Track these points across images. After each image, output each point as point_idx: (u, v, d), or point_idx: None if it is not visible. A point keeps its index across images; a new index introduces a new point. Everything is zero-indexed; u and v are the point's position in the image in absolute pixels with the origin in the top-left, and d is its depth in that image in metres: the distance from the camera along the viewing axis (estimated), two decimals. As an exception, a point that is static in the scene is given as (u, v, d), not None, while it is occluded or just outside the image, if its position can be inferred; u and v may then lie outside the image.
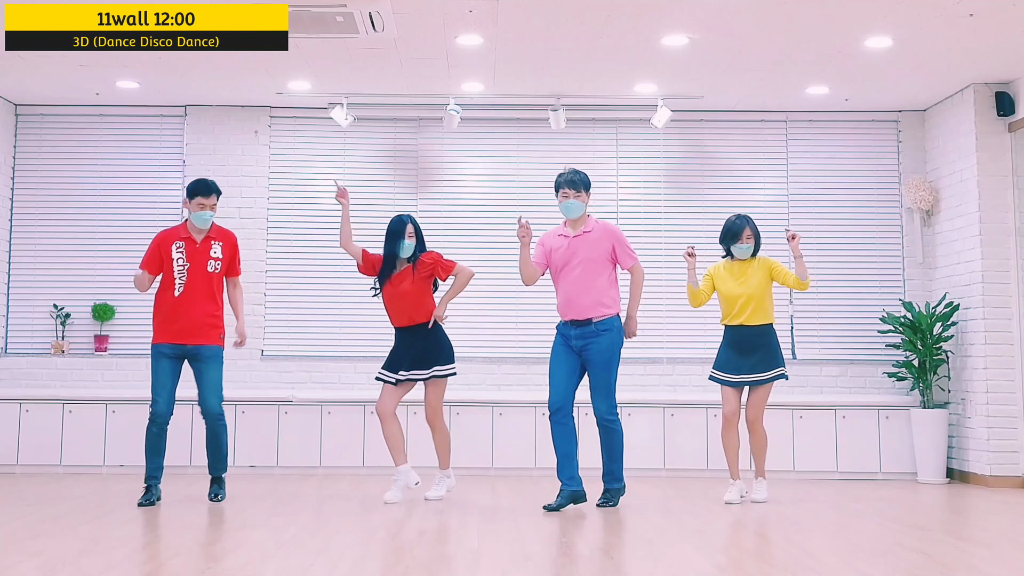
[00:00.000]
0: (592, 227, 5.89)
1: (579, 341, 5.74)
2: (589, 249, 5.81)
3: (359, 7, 5.87)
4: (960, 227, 7.55)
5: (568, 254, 5.83)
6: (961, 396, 7.51)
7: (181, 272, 5.81)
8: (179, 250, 5.84)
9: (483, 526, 5.12)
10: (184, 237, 5.89)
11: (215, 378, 5.86)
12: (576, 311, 5.75)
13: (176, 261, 5.82)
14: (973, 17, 6.01)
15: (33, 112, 8.16)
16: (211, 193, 5.90)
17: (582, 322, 5.74)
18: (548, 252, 5.93)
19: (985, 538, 4.89)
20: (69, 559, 4.12)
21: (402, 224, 6.05)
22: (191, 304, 5.80)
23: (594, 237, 5.85)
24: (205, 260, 5.86)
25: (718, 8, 5.97)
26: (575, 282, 5.77)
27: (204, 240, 5.91)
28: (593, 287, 5.76)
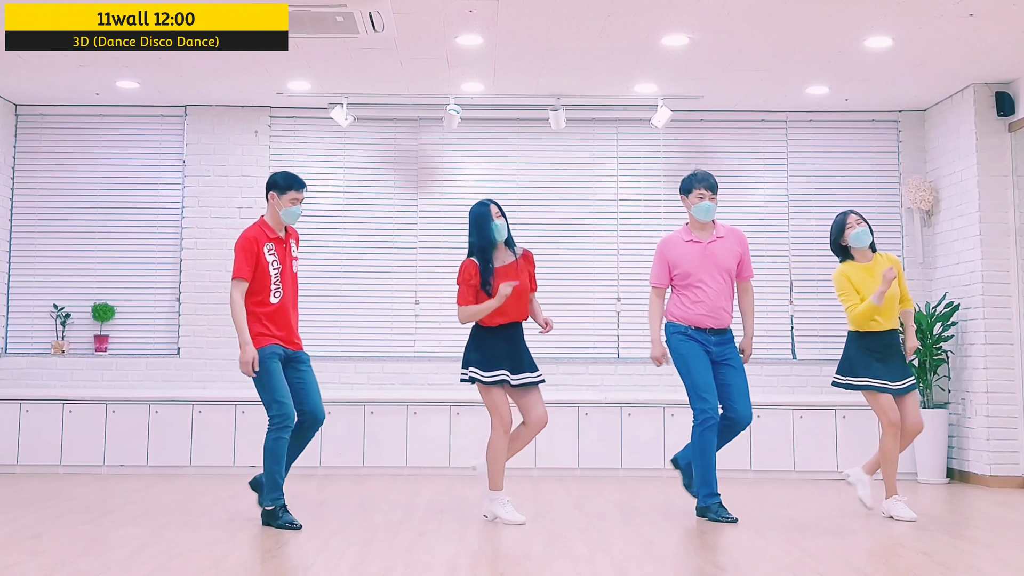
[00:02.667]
0: (724, 232, 5.60)
1: (719, 348, 5.48)
2: (726, 255, 5.54)
3: (359, 7, 5.87)
4: (960, 227, 7.55)
5: (707, 261, 5.49)
6: (961, 396, 7.51)
7: (276, 276, 5.20)
8: (271, 252, 5.22)
9: (483, 526, 5.11)
10: (273, 238, 5.25)
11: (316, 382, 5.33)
12: (718, 320, 5.47)
13: (271, 264, 5.20)
14: (973, 17, 6.01)
15: (33, 112, 8.16)
16: (303, 188, 5.32)
17: (721, 331, 5.49)
18: (674, 263, 5.53)
19: (985, 538, 4.89)
20: (69, 559, 4.12)
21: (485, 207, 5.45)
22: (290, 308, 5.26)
23: (727, 244, 5.56)
24: (291, 260, 5.31)
25: (718, 8, 5.97)
26: (719, 290, 5.48)
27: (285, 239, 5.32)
28: (731, 295, 5.56)
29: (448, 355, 8.01)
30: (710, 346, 5.47)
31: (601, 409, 7.63)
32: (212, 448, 7.49)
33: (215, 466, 7.48)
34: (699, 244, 5.54)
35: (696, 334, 5.47)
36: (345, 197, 8.19)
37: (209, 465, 7.45)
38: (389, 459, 7.57)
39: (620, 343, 8.09)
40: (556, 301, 8.04)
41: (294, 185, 5.27)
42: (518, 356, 5.32)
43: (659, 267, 5.60)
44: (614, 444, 7.57)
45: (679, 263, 5.53)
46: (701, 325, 5.47)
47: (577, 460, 7.53)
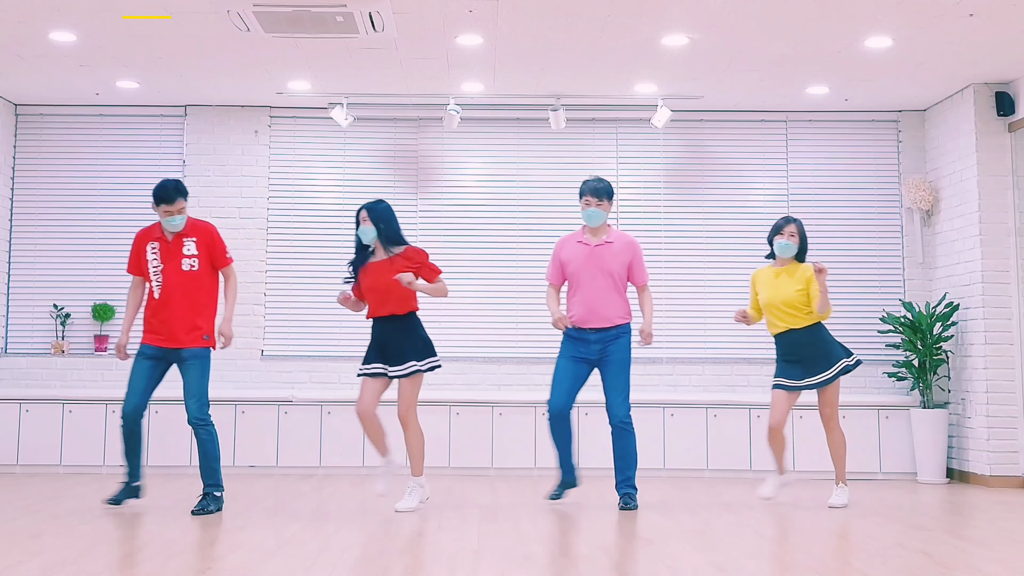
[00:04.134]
0: (614, 238, 5.91)
1: (598, 346, 5.78)
2: (612, 259, 5.83)
3: (359, 7, 5.87)
4: (960, 227, 7.55)
5: (590, 262, 5.82)
6: (961, 396, 7.51)
7: (157, 273, 5.53)
8: (153, 251, 5.56)
9: (483, 526, 5.12)
10: (157, 237, 5.59)
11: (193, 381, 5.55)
12: (599, 319, 5.79)
13: (151, 263, 5.56)
14: (973, 17, 6.01)
15: (33, 112, 8.16)
16: (174, 199, 5.48)
17: (603, 329, 5.79)
18: (564, 262, 5.91)
19: (985, 538, 4.89)
20: (69, 559, 4.12)
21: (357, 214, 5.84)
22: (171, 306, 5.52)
23: (617, 248, 5.87)
24: (179, 259, 5.54)
25: (718, 8, 5.97)
26: (599, 291, 5.78)
27: (176, 238, 5.57)
28: (615, 297, 5.82)
29: (448, 355, 8.00)
30: (590, 345, 5.79)
31: (601, 409, 7.61)
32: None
33: (215, 466, 7.47)
34: (587, 246, 5.87)
35: (577, 333, 5.82)
36: (345, 197, 8.19)
37: (209, 465, 7.44)
38: (389, 459, 7.56)
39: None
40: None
41: (159, 200, 5.49)
42: (388, 349, 5.64)
43: (553, 265, 6.00)
44: (614, 444, 7.56)
45: (567, 262, 5.89)
46: (581, 324, 5.80)
47: (577, 460, 7.51)
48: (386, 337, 5.67)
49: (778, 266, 6.02)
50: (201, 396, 5.56)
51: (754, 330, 8.04)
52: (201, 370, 5.58)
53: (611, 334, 5.80)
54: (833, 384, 5.91)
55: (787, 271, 5.97)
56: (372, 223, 5.73)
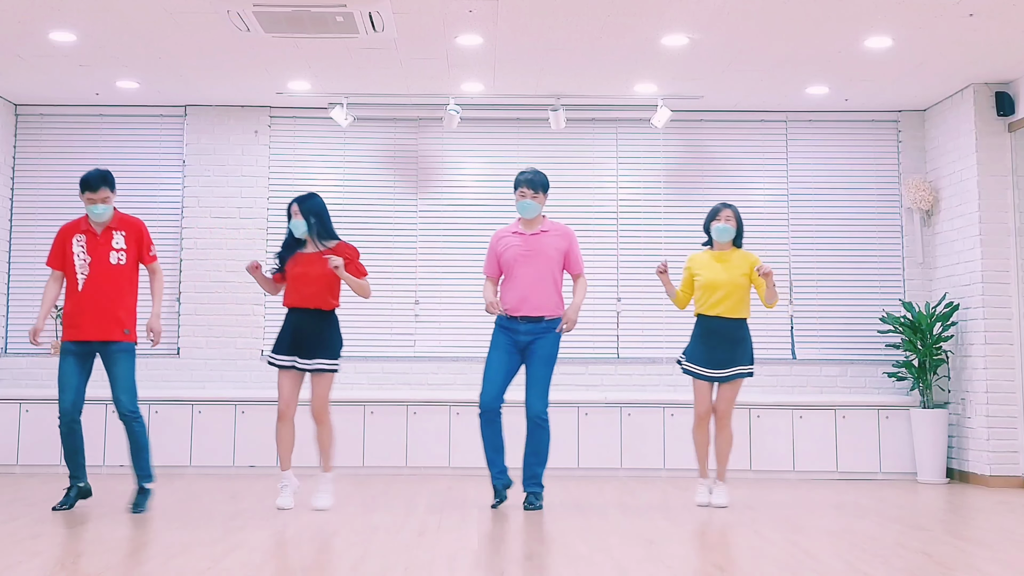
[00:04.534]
0: (549, 227, 5.96)
1: (527, 337, 5.80)
2: (546, 247, 5.87)
3: (359, 7, 5.87)
4: (960, 227, 7.55)
5: (524, 251, 5.86)
6: (961, 396, 7.51)
7: (83, 266, 5.50)
8: (80, 243, 5.55)
9: (483, 526, 5.12)
10: (84, 230, 5.59)
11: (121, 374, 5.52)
12: (531, 307, 5.80)
13: (77, 255, 5.53)
14: (973, 17, 6.01)
15: (33, 112, 8.16)
16: (99, 187, 5.55)
17: (535, 319, 5.81)
18: (500, 253, 5.93)
19: (985, 538, 4.89)
20: (69, 559, 4.12)
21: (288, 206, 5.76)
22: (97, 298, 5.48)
23: (552, 237, 5.91)
24: (107, 252, 5.55)
25: (718, 8, 5.97)
26: (531, 279, 5.81)
27: (105, 231, 5.59)
28: (548, 285, 5.84)
29: (448, 355, 8.02)
30: (519, 335, 5.79)
31: (601, 409, 7.64)
32: (212, 448, 7.50)
33: (215, 466, 7.49)
34: (523, 236, 5.92)
35: (508, 323, 5.82)
36: (345, 197, 8.19)
37: (209, 465, 7.46)
38: (389, 459, 7.58)
39: (620, 343, 8.09)
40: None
41: (83, 186, 5.56)
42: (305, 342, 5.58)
43: (489, 258, 6.00)
44: (614, 444, 7.57)
45: (503, 253, 5.91)
46: (513, 312, 5.81)
47: (577, 460, 7.53)
48: (304, 329, 5.61)
49: (716, 250, 6.00)
50: (130, 389, 5.54)
51: (755, 330, 8.04)
52: (128, 363, 5.54)
53: (541, 326, 5.80)
54: (737, 382, 5.93)
55: (727, 255, 5.96)
56: (303, 216, 5.70)
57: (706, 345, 5.91)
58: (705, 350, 5.91)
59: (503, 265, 5.92)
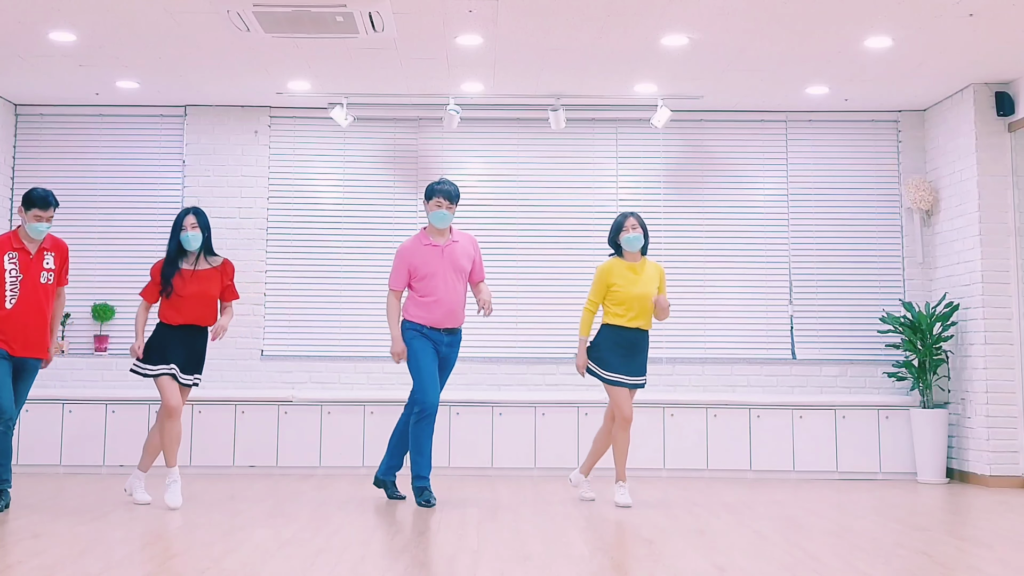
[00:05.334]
0: (458, 237, 6.05)
1: (448, 349, 5.96)
2: (461, 258, 5.96)
3: (359, 7, 5.87)
4: (960, 227, 7.55)
5: (442, 263, 5.91)
6: (961, 396, 7.51)
7: (14, 284, 5.55)
8: (12, 261, 5.56)
9: (483, 526, 5.12)
10: (18, 247, 5.60)
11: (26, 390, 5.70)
12: (454, 320, 5.93)
13: (8, 272, 5.55)
14: (973, 17, 6.01)
15: (33, 112, 8.16)
16: (49, 206, 5.60)
17: (454, 330, 5.98)
18: (415, 267, 5.92)
19: (985, 538, 4.89)
20: (69, 559, 4.12)
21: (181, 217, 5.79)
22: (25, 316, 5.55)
23: (462, 247, 6.00)
24: (39, 271, 5.63)
25: (718, 8, 5.97)
26: (453, 292, 5.90)
27: (38, 251, 5.65)
28: (463, 296, 5.98)
29: (448, 355, 8.02)
30: (441, 345, 5.92)
31: (601, 409, 7.63)
32: (212, 448, 7.50)
33: (215, 466, 7.48)
34: (437, 247, 5.95)
35: (430, 333, 5.89)
36: (345, 197, 8.19)
37: (209, 465, 7.45)
38: (389, 459, 7.56)
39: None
40: (555, 301, 8.06)
41: (36, 204, 5.58)
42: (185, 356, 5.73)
43: (399, 271, 5.96)
44: (614, 444, 7.56)
45: (420, 267, 5.92)
46: (438, 325, 5.90)
47: (577, 460, 7.53)
48: (189, 345, 5.76)
49: (628, 260, 6.00)
50: (23, 402, 5.74)
51: (755, 330, 8.07)
52: (32, 379, 5.75)
53: (457, 336, 6.01)
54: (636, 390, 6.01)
55: (640, 266, 6.01)
56: (201, 229, 5.80)
57: (625, 356, 5.93)
58: (625, 360, 5.92)
59: (417, 277, 5.92)
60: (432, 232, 6.00)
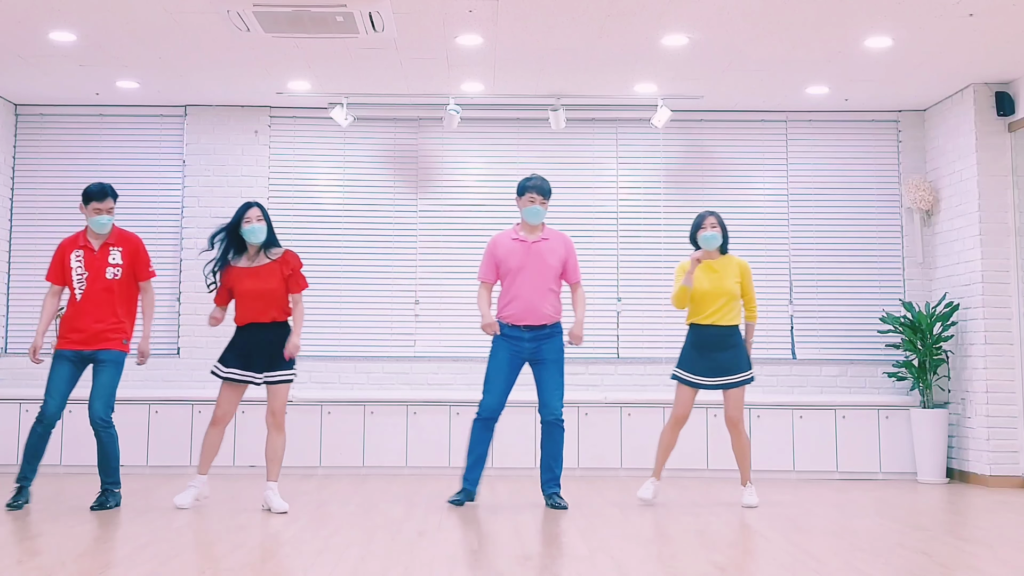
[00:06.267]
0: (549, 235, 5.97)
1: (532, 344, 5.83)
2: (548, 256, 5.88)
3: (359, 7, 5.87)
4: (960, 227, 7.55)
5: (527, 259, 5.86)
6: (961, 396, 7.51)
7: (80, 280, 5.66)
8: (78, 259, 5.69)
9: (483, 526, 5.12)
10: (83, 245, 5.73)
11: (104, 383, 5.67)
12: (535, 317, 5.83)
13: (75, 270, 5.67)
14: (973, 17, 6.01)
15: (33, 112, 8.17)
16: (106, 197, 5.70)
17: (537, 327, 5.85)
18: (501, 260, 5.92)
19: (985, 538, 4.89)
20: (69, 559, 4.12)
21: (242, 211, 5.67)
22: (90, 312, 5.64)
23: (552, 246, 5.92)
24: (103, 267, 5.69)
25: (718, 8, 5.97)
26: (535, 288, 5.82)
27: (102, 247, 5.73)
28: (550, 294, 5.88)
29: (448, 355, 8.02)
30: (523, 343, 5.81)
31: (601, 409, 7.64)
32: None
33: (214, 466, 7.43)
34: (524, 243, 5.90)
35: (510, 331, 5.83)
36: (345, 197, 8.19)
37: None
38: (389, 459, 7.58)
39: (620, 343, 8.09)
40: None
41: (93, 197, 5.68)
42: (256, 356, 5.56)
43: (486, 263, 5.98)
44: (614, 444, 7.58)
45: (505, 260, 5.88)
46: (516, 322, 5.82)
47: (577, 460, 7.53)
48: (259, 343, 5.58)
49: (707, 259, 6.04)
50: (108, 398, 5.69)
51: (755, 330, 8.05)
52: (114, 374, 5.70)
53: (544, 332, 5.85)
54: (741, 389, 5.97)
55: (719, 263, 6.03)
56: (266, 222, 5.68)
57: (700, 354, 5.95)
58: (699, 358, 5.95)
59: (503, 272, 5.91)
60: (524, 227, 5.96)
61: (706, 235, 6.00)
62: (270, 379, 5.57)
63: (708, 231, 6.00)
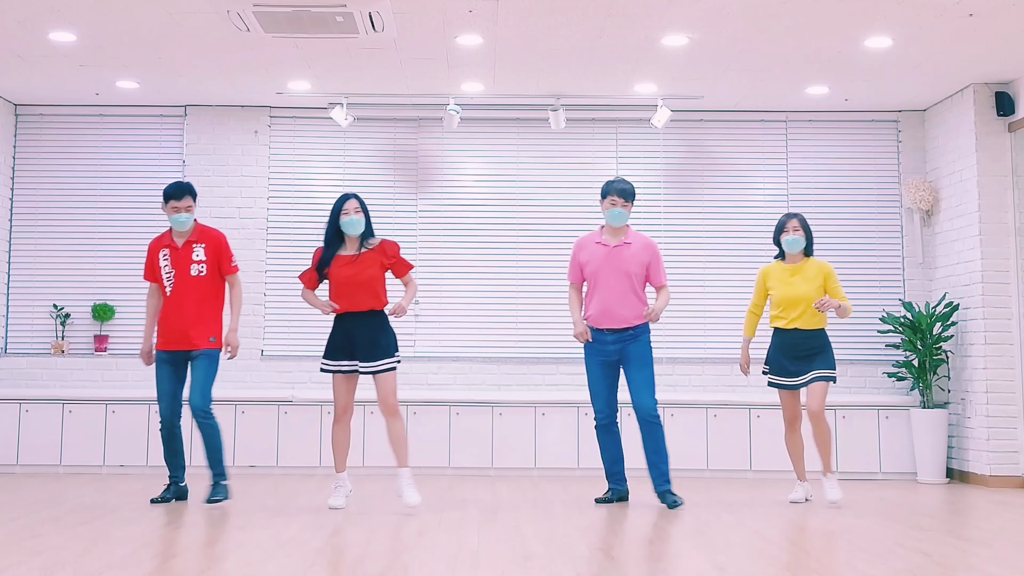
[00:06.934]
0: (633, 239, 5.93)
1: (616, 346, 5.83)
2: (629, 261, 5.85)
3: (359, 7, 5.87)
4: (960, 227, 7.55)
5: (609, 263, 5.84)
6: (961, 396, 7.51)
7: (169, 279, 5.80)
8: (165, 257, 5.84)
9: (483, 526, 5.12)
10: (168, 244, 5.86)
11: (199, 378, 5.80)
12: (614, 320, 5.81)
13: (163, 268, 5.83)
14: (973, 17, 6.01)
15: (33, 112, 8.16)
16: (184, 195, 5.80)
17: (619, 330, 5.83)
18: (583, 263, 5.93)
19: (985, 538, 4.89)
20: (69, 559, 4.12)
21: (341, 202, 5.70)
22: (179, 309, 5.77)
23: (634, 251, 5.88)
24: (188, 264, 5.81)
25: (718, 8, 5.97)
26: (616, 292, 5.81)
27: (185, 244, 5.84)
28: (632, 298, 5.84)
29: (448, 355, 8.02)
30: (608, 345, 5.83)
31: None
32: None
33: (215, 466, 7.47)
34: (606, 247, 5.90)
35: (596, 335, 5.87)
36: (345, 197, 8.18)
37: (209, 465, 7.43)
38: (389, 459, 7.54)
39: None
40: (556, 301, 8.05)
41: (171, 195, 5.79)
42: (358, 345, 5.55)
43: (572, 264, 6.03)
44: (614, 444, 7.56)
45: (586, 263, 5.92)
46: (598, 325, 5.84)
47: (577, 460, 7.53)
48: (358, 333, 5.58)
49: (788, 263, 6.07)
50: (205, 391, 5.80)
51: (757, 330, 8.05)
52: (208, 368, 5.84)
53: (628, 334, 5.83)
54: (824, 383, 5.98)
55: (800, 268, 6.02)
56: (364, 214, 5.71)
57: (786, 357, 5.98)
58: (786, 362, 5.98)
59: (586, 274, 5.92)
60: (607, 231, 5.94)
61: (789, 239, 6.02)
62: (375, 368, 5.57)
63: (791, 235, 6.01)
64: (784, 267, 6.07)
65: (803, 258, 6.06)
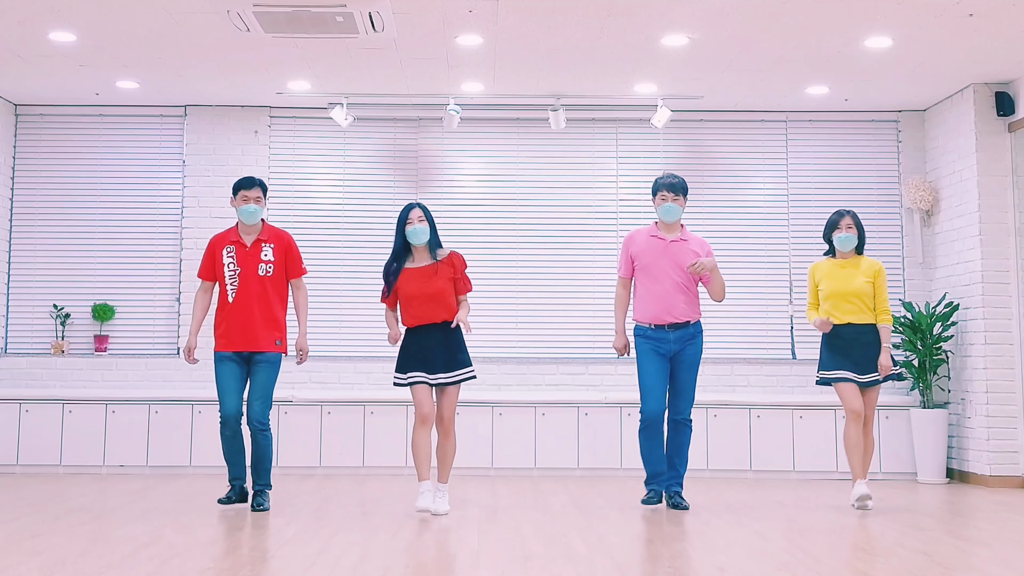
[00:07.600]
0: (688, 237, 5.90)
1: (677, 344, 5.78)
2: (684, 256, 5.80)
3: (359, 7, 5.87)
4: (960, 227, 7.55)
5: (665, 258, 5.80)
6: (961, 396, 7.51)
7: (233, 277, 5.62)
8: (229, 255, 5.66)
9: (483, 526, 5.12)
10: (234, 241, 5.69)
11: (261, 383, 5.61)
12: (675, 314, 5.77)
13: (227, 266, 5.63)
14: (973, 17, 6.01)
15: (33, 112, 8.16)
16: (254, 185, 5.71)
17: (681, 324, 5.79)
18: (635, 255, 5.87)
19: (985, 538, 4.89)
20: (69, 559, 4.12)
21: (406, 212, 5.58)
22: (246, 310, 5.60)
23: (690, 247, 5.84)
24: (256, 263, 5.64)
25: (718, 8, 5.97)
26: (673, 288, 5.77)
27: (255, 243, 5.69)
28: (685, 292, 5.81)
29: (448, 355, 8.01)
30: (668, 343, 5.77)
31: (601, 409, 7.64)
32: (212, 448, 7.46)
33: (215, 466, 7.47)
34: (662, 241, 5.85)
35: (654, 333, 5.79)
36: (345, 197, 8.19)
37: (209, 465, 7.44)
38: (389, 459, 7.58)
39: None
40: (556, 301, 8.07)
41: (242, 185, 5.71)
42: (432, 357, 5.46)
43: (622, 258, 5.96)
44: (614, 444, 7.57)
45: (639, 255, 5.86)
46: (658, 321, 5.78)
47: (577, 460, 7.53)
48: (433, 344, 5.48)
49: (840, 259, 6.02)
50: (266, 399, 5.63)
51: (755, 330, 8.07)
52: (271, 374, 5.64)
53: (689, 332, 5.80)
54: (877, 388, 5.94)
55: (851, 263, 5.99)
56: (429, 222, 5.58)
57: (842, 353, 5.89)
58: (842, 357, 5.88)
59: (637, 268, 5.87)
60: (661, 226, 5.88)
61: (841, 237, 5.96)
62: (451, 379, 5.48)
63: (844, 232, 5.95)
64: (834, 262, 6.00)
65: (855, 255, 6.02)
